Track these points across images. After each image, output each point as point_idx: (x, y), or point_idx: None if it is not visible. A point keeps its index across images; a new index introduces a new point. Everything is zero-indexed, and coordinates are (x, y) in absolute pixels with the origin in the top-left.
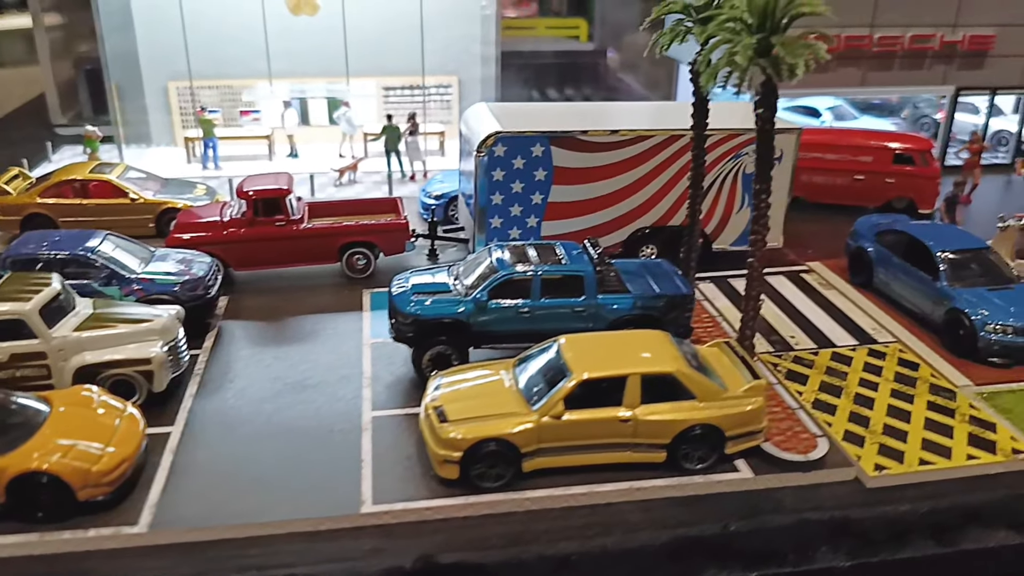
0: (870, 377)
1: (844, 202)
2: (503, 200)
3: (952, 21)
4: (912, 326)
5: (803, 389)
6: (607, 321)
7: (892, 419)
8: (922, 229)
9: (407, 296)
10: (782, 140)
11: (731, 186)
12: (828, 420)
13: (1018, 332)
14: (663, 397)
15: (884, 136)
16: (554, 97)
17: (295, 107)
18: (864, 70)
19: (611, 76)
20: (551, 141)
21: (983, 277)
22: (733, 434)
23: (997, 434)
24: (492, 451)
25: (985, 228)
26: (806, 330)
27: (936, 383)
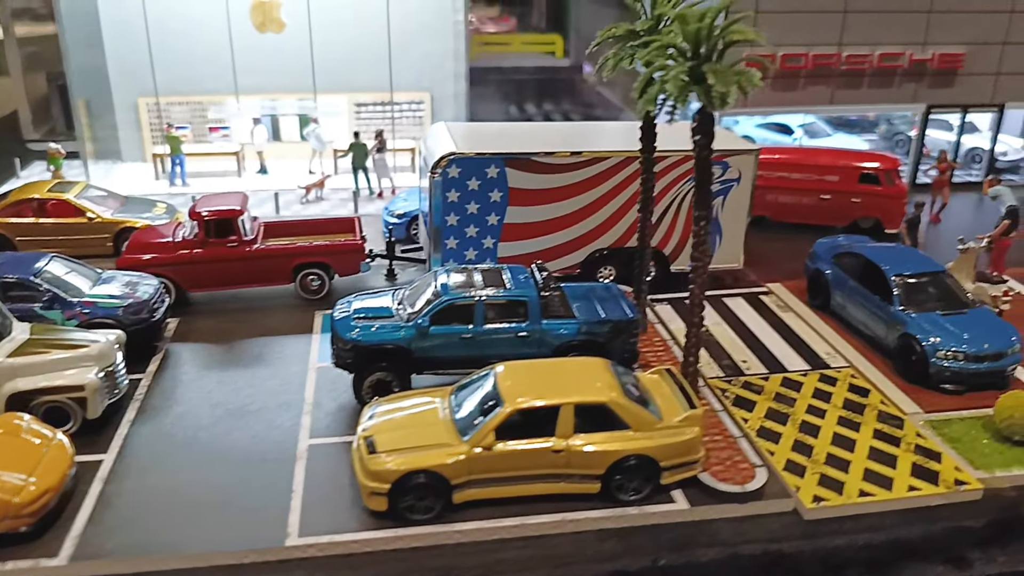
0: (819, 404)
1: (810, 222)
2: (458, 221)
3: (921, 39)
4: (867, 351)
5: (749, 416)
6: (552, 346)
7: (836, 448)
8: (878, 252)
9: (348, 321)
10: (740, 161)
11: (689, 207)
12: (771, 449)
13: (970, 359)
14: (597, 427)
15: (850, 155)
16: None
17: (264, 123)
18: (833, 88)
19: (588, 92)
20: (506, 162)
21: (938, 302)
22: (669, 464)
23: (942, 464)
24: (421, 483)
25: (951, 249)
26: (759, 354)
27: (885, 410)
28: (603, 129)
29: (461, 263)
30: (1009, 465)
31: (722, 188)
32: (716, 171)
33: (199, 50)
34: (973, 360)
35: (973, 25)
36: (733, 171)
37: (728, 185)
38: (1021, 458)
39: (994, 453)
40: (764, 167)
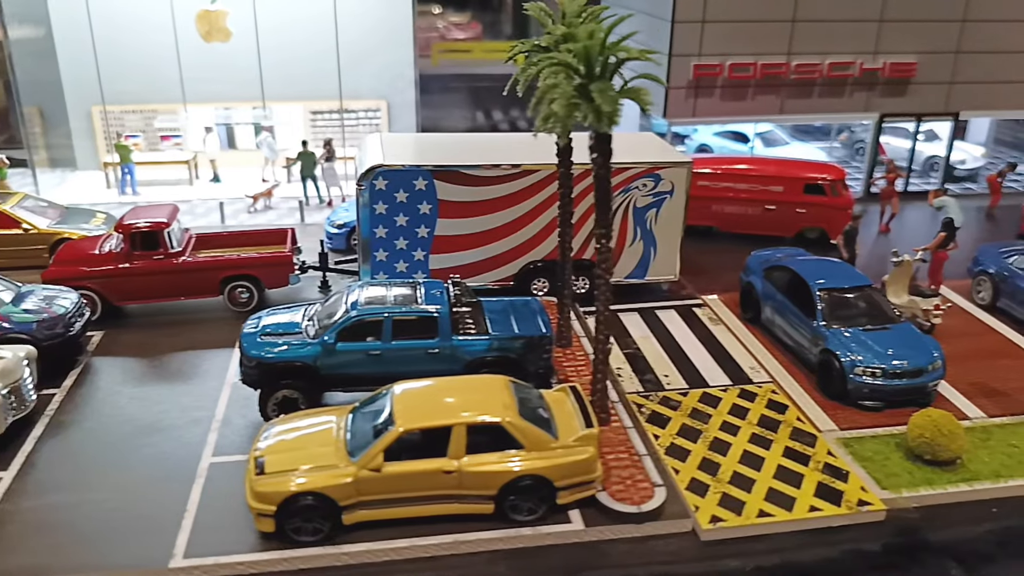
0: (734, 420)
1: (757, 232)
2: (387, 233)
3: (872, 49)
4: (792, 366)
5: (662, 433)
6: (463, 363)
7: (743, 466)
8: (806, 265)
9: (253, 337)
10: (673, 174)
11: (622, 220)
12: (677, 467)
13: (888, 375)
14: (490, 447)
15: (796, 166)
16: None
17: (218, 132)
18: (783, 97)
19: None
20: (434, 175)
21: (862, 317)
22: (564, 484)
23: (848, 484)
24: (308, 505)
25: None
26: (683, 369)
27: (800, 428)
28: (548, 140)
29: (392, 275)
30: (917, 485)
31: (655, 201)
32: (649, 183)
33: (151, 59)
34: (891, 376)
35: (925, 34)
36: (666, 183)
37: (661, 197)
38: (930, 478)
39: (904, 472)
40: (710, 178)
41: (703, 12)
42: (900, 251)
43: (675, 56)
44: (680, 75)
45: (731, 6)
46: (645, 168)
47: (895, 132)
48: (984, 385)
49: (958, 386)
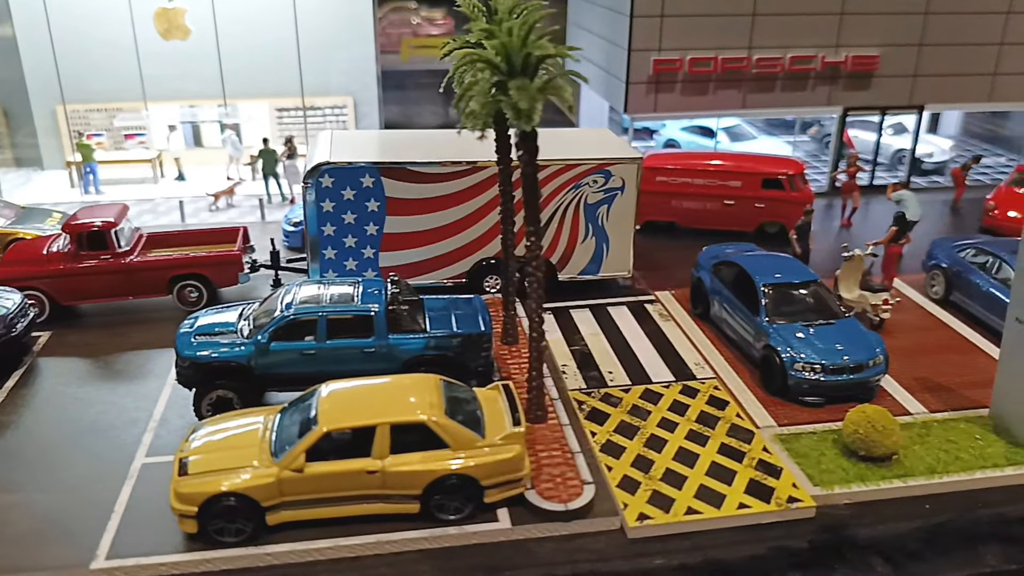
0: (673, 416)
1: (717, 227)
2: (335, 231)
3: (834, 42)
4: (737, 362)
5: (599, 430)
6: (400, 361)
7: (677, 463)
8: (753, 261)
9: (188, 337)
10: (623, 170)
11: (573, 216)
12: (611, 464)
13: (828, 371)
14: (415, 447)
15: (754, 160)
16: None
17: (183, 130)
18: (745, 92)
19: None
20: (381, 172)
21: (806, 312)
22: (491, 483)
23: (780, 481)
24: (230, 506)
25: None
26: (628, 365)
27: (738, 424)
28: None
29: (341, 273)
30: (850, 482)
31: (606, 197)
32: (599, 180)
33: (113, 57)
34: (831, 372)
35: (887, 27)
36: (616, 180)
37: (612, 194)
38: (864, 474)
39: (837, 469)
40: (669, 173)
41: (662, 7)
42: (851, 246)
43: (634, 51)
44: (640, 70)
45: (690, 1)
46: (595, 164)
47: (864, 125)
48: (928, 380)
49: (902, 381)
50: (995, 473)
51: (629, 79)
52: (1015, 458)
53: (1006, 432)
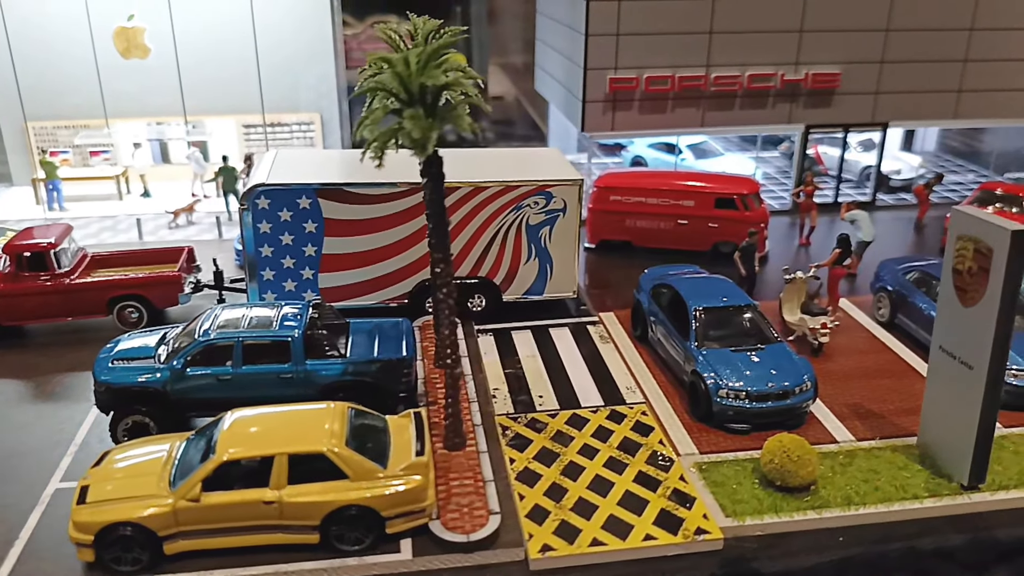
0: (595, 443)
1: (671, 247)
2: (273, 252)
3: (793, 59)
4: (669, 386)
5: (519, 456)
6: (318, 387)
7: (590, 492)
8: (689, 283)
9: (104, 361)
10: (564, 192)
11: (515, 237)
12: (524, 492)
13: (752, 397)
14: (314, 477)
15: (709, 179)
16: None
17: (151, 147)
18: (704, 110)
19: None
20: (317, 193)
21: (736, 337)
22: (392, 514)
23: (691, 511)
24: (125, 535)
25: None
26: (560, 389)
27: (659, 451)
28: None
29: (280, 295)
30: (763, 513)
31: (548, 218)
32: (540, 201)
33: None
34: (755, 399)
35: (848, 44)
36: (558, 201)
37: (554, 215)
38: (778, 505)
39: (752, 499)
40: (622, 192)
41: (617, 25)
42: (792, 268)
43: (590, 69)
44: (596, 88)
45: (646, 19)
46: (535, 187)
47: (835, 142)
48: (860, 406)
49: (834, 407)
50: (913, 505)
51: (585, 97)
52: (935, 490)
53: (930, 462)
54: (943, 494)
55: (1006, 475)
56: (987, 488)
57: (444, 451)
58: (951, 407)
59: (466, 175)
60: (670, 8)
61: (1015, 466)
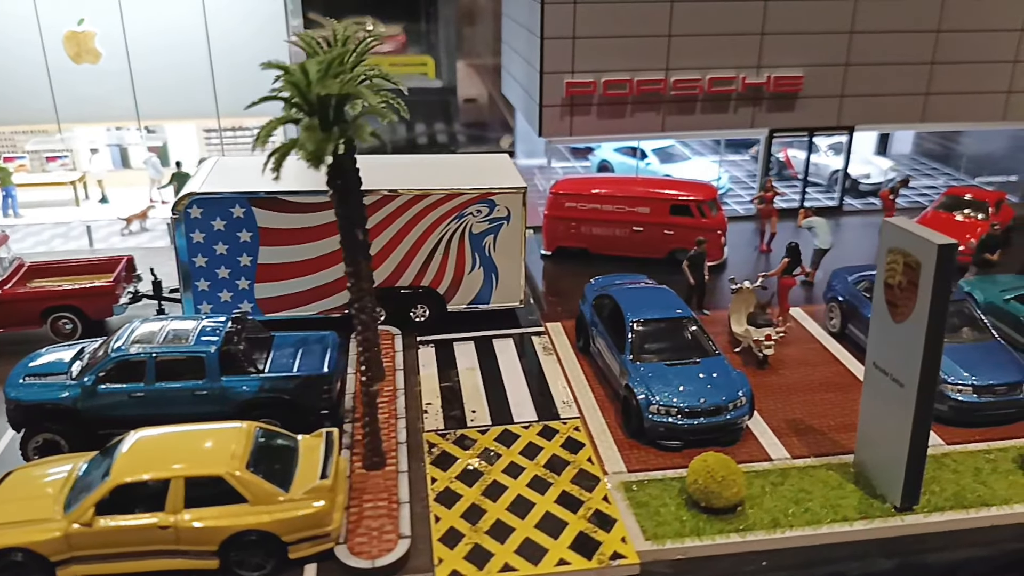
0: (522, 461)
1: (627, 254)
2: (207, 262)
3: (755, 63)
4: (606, 400)
5: (441, 476)
6: (235, 404)
7: (509, 513)
8: (629, 294)
9: (16, 377)
10: (508, 200)
11: (459, 246)
12: (441, 514)
13: (684, 414)
14: (212, 501)
15: (665, 185)
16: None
17: (111, 152)
18: (664, 114)
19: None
20: (251, 202)
21: (672, 351)
22: (293, 539)
23: (610, 534)
24: (16, 561)
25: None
26: (495, 403)
27: (587, 469)
28: (396, 163)
29: (216, 306)
30: (684, 535)
31: (492, 227)
32: (483, 209)
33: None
34: (687, 415)
35: (811, 47)
36: (501, 209)
37: (498, 223)
38: (701, 528)
39: (675, 521)
40: (577, 199)
41: (573, 28)
42: (738, 278)
43: (546, 73)
44: (553, 92)
45: (603, 22)
46: (478, 194)
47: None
48: (801, 422)
49: (772, 422)
50: (842, 528)
51: (542, 101)
52: (867, 511)
53: (866, 482)
54: (874, 516)
55: (942, 496)
56: (921, 510)
57: (363, 471)
58: (884, 425)
59: (407, 182)
60: (628, 10)
61: (952, 486)
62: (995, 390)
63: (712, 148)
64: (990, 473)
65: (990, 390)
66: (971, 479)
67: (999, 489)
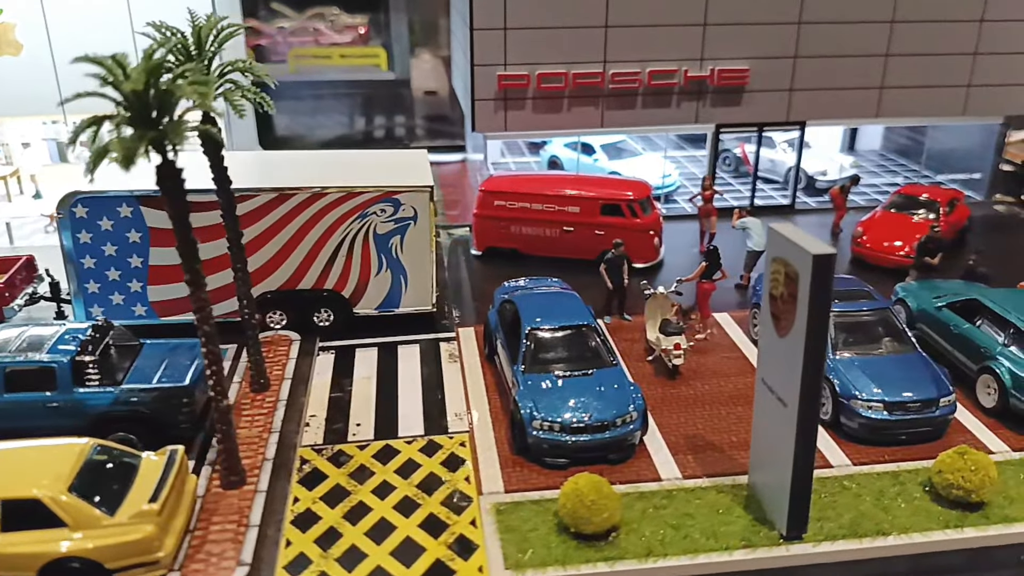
0: (395, 479)
1: (558, 255)
2: (96, 264)
3: (698, 55)
4: (500, 413)
5: (305, 496)
6: (90, 418)
7: (367, 538)
8: (531, 300)
9: None
10: (414, 199)
11: (363, 247)
12: (294, 538)
13: (569, 430)
14: (32, 524)
15: (597, 184)
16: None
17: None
18: (602, 109)
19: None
20: (139, 201)
21: (567, 361)
22: (118, 566)
23: (468, 562)
24: None
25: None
26: (383, 415)
27: (462, 489)
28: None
29: (107, 309)
30: (547, 564)
31: (398, 227)
32: (388, 209)
33: None
34: (571, 431)
35: (757, 38)
36: (407, 209)
37: (404, 224)
38: (568, 556)
39: (542, 548)
40: (507, 197)
41: (504, 18)
42: (651, 284)
43: (477, 66)
44: (485, 86)
45: (535, 13)
46: (381, 193)
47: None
48: (701, 438)
49: (670, 438)
50: (721, 557)
51: (474, 95)
52: (751, 539)
53: (756, 506)
54: (758, 545)
55: (838, 523)
56: (811, 538)
57: (219, 490)
58: (771, 447)
59: (306, 179)
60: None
61: (850, 512)
62: (908, 407)
63: (675, 143)
64: (894, 498)
65: (902, 407)
66: (872, 504)
67: (900, 516)
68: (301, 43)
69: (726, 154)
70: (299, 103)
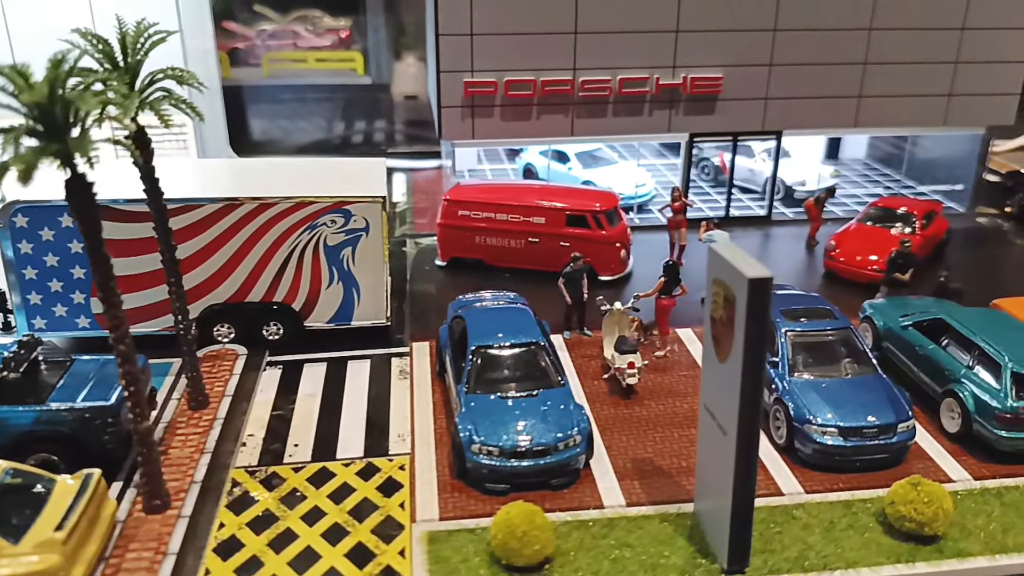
0: (327, 504)
1: (523, 266)
2: (38, 275)
3: (670, 63)
4: (445, 434)
5: (231, 521)
6: (10, 437)
7: (290, 568)
8: (479, 316)
9: None
10: (366, 210)
11: (312, 259)
12: (214, 567)
13: (508, 454)
14: None
15: (564, 194)
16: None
17: None
18: (572, 117)
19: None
20: None
21: (511, 382)
22: None
23: None
24: None
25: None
26: (322, 436)
27: (395, 516)
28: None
29: (50, 321)
30: None
31: (349, 239)
32: (338, 220)
33: None
34: (511, 456)
35: (731, 46)
36: (359, 220)
37: (355, 235)
38: None
39: None
40: (471, 207)
41: (471, 24)
42: (606, 299)
43: (443, 72)
44: (452, 93)
45: (503, 18)
46: (331, 203)
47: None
48: (649, 463)
49: (617, 463)
50: None
51: (441, 102)
52: (691, 572)
53: (699, 537)
54: None
55: (782, 556)
56: (752, 573)
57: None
58: (714, 475)
59: (252, 189)
60: (530, 5)
61: (797, 544)
62: (864, 432)
63: (657, 151)
64: (844, 529)
65: (858, 432)
66: (821, 536)
67: (849, 549)
68: (279, 46)
69: (705, 163)
70: (276, 107)
